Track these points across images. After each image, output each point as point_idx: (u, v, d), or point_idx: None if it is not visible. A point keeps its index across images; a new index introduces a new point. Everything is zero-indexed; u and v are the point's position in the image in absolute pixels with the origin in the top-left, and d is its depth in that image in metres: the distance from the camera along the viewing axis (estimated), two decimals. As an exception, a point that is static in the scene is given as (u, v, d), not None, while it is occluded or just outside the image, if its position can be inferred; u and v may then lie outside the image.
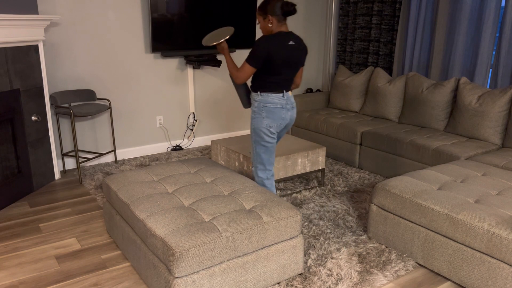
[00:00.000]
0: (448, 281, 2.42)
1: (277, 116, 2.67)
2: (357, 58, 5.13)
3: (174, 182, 2.61)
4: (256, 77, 2.68)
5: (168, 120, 4.61)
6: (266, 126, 2.67)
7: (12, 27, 3.16)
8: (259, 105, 2.67)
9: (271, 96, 2.65)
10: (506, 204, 2.36)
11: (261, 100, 2.66)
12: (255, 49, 2.57)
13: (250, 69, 2.60)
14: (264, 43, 2.55)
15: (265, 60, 2.58)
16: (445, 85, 3.99)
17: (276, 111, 2.66)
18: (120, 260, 2.58)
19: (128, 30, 4.14)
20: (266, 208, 2.28)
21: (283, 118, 2.69)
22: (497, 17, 3.87)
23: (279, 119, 2.68)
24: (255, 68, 2.60)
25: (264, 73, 2.63)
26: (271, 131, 2.68)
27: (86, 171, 4.01)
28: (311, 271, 2.46)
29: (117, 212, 2.62)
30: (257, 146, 2.73)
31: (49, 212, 3.21)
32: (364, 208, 3.30)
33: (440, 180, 2.72)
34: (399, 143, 3.78)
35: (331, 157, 4.48)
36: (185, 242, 1.97)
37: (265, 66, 2.60)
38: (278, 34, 2.61)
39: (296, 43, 2.66)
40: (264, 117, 2.66)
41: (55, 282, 2.36)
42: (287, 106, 2.70)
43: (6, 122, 3.29)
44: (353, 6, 5.07)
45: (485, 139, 3.68)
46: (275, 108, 2.66)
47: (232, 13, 4.58)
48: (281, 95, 2.66)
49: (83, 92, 3.95)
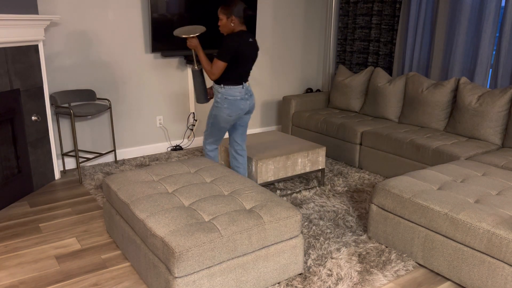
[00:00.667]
0: (448, 281, 2.42)
1: (237, 107, 3.06)
2: (357, 58, 5.13)
3: (174, 182, 2.61)
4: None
5: (168, 120, 4.61)
6: (227, 115, 3.06)
7: (12, 27, 3.16)
8: (222, 97, 3.03)
9: (233, 89, 3.03)
10: (506, 204, 2.36)
11: (224, 92, 3.02)
12: (225, 46, 2.89)
13: (223, 64, 2.93)
14: (233, 41, 2.90)
15: (232, 56, 2.92)
16: (445, 85, 3.99)
17: (236, 103, 3.05)
18: (120, 260, 2.58)
19: (128, 30, 4.14)
20: (266, 208, 2.28)
21: (242, 108, 3.08)
22: (497, 17, 3.87)
23: (238, 109, 3.07)
24: (226, 63, 2.93)
25: (228, 67, 2.98)
26: (229, 119, 3.09)
27: (86, 171, 4.01)
28: (311, 271, 2.46)
29: (117, 212, 2.62)
30: (213, 128, 3.15)
31: (49, 212, 3.21)
32: (364, 208, 3.30)
33: (440, 180, 2.72)
34: (399, 143, 3.78)
35: (331, 157, 4.49)
36: (185, 242, 1.97)
37: (231, 61, 2.95)
38: (241, 33, 2.96)
39: (253, 40, 3.04)
40: (225, 108, 3.04)
41: (55, 282, 2.36)
42: (246, 96, 3.09)
43: (6, 122, 3.29)
44: (353, 6, 5.07)
45: (485, 139, 3.68)
46: (235, 101, 3.04)
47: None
48: (241, 87, 3.05)
49: (83, 92, 3.95)
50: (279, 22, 5.13)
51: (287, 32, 5.24)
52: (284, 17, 5.16)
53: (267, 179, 3.37)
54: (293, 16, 5.23)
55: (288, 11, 5.17)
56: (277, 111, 5.45)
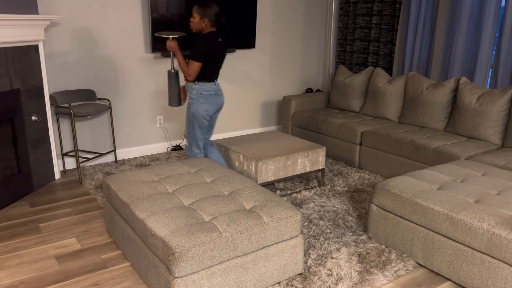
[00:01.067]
0: (448, 281, 2.42)
1: (212, 101, 3.21)
2: (357, 58, 5.14)
3: (174, 182, 2.61)
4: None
5: (168, 120, 4.61)
6: (204, 110, 3.20)
7: (12, 27, 3.16)
8: (197, 93, 3.17)
9: (207, 84, 3.18)
10: (506, 204, 2.36)
11: (199, 88, 3.17)
12: (198, 47, 3.04)
13: (198, 65, 3.07)
14: (206, 42, 3.06)
15: (205, 56, 3.08)
16: (445, 85, 3.99)
17: (212, 97, 3.21)
18: (120, 260, 2.58)
19: (128, 30, 4.14)
20: (266, 208, 2.28)
21: (216, 102, 3.24)
22: (497, 17, 3.87)
23: (214, 103, 3.23)
24: (201, 63, 3.08)
25: (202, 66, 3.12)
26: (208, 114, 3.23)
27: (86, 171, 4.01)
28: (311, 271, 2.46)
29: (117, 212, 2.62)
30: (195, 127, 3.25)
31: (49, 212, 3.21)
32: (364, 208, 3.30)
33: (440, 180, 2.72)
34: (399, 143, 3.79)
35: (331, 157, 4.49)
36: (185, 242, 1.97)
37: (204, 61, 3.09)
38: (213, 33, 3.12)
39: (223, 40, 3.20)
40: (202, 103, 3.18)
41: (55, 282, 2.36)
42: (219, 93, 3.26)
43: (6, 122, 3.29)
44: (353, 6, 5.07)
45: (485, 139, 3.68)
46: (210, 95, 3.20)
47: (232, 13, 4.58)
48: (213, 84, 3.21)
49: (83, 92, 3.95)
50: (279, 22, 5.13)
51: (287, 32, 5.24)
52: (284, 17, 5.16)
53: (267, 179, 3.37)
54: (293, 16, 5.23)
55: (288, 11, 5.17)
56: (277, 111, 5.46)
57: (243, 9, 4.64)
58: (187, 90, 3.24)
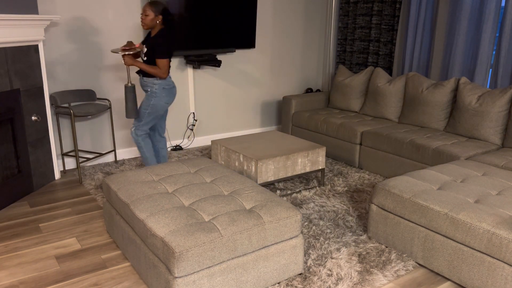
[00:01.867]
0: (448, 281, 2.42)
1: (172, 94, 3.44)
2: (357, 58, 5.14)
3: (174, 182, 2.61)
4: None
5: (168, 120, 4.61)
6: (165, 102, 3.41)
7: (12, 27, 3.16)
8: (160, 87, 3.34)
9: (167, 79, 3.38)
10: (506, 204, 2.36)
11: (161, 83, 3.34)
12: (163, 44, 3.20)
13: (167, 61, 3.25)
14: (166, 38, 3.23)
15: (168, 51, 3.23)
16: (445, 85, 3.99)
17: (172, 91, 3.43)
18: (120, 260, 2.58)
19: (128, 30, 4.14)
20: (266, 208, 2.28)
21: (174, 94, 3.47)
22: (497, 17, 3.87)
23: (173, 96, 3.46)
24: (169, 59, 3.26)
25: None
26: (166, 106, 3.45)
27: (86, 171, 4.01)
28: (311, 271, 2.46)
29: (117, 212, 2.62)
30: (151, 116, 3.43)
31: (49, 212, 3.21)
32: (364, 208, 3.30)
33: (440, 180, 2.72)
34: (399, 143, 3.79)
35: (331, 157, 4.49)
36: (185, 242, 1.97)
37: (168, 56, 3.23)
38: (165, 30, 3.26)
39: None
40: (164, 96, 3.38)
41: (55, 282, 2.36)
42: (175, 85, 3.49)
43: (6, 122, 3.29)
44: (353, 6, 5.07)
45: (485, 139, 3.68)
46: (171, 88, 3.42)
47: (232, 13, 4.58)
48: (170, 77, 3.42)
49: (83, 92, 3.95)
50: (279, 22, 5.13)
51: (287, 32, 5.24)
52: (284, 17, 5.16)
53: (267, 179, 3.37)
54: (293, 16, 5.23)
55: (288, 11, 5.17)
56: (277, 111, 5.46)
57: (243, 9, 4.64)
58: (147, 85, 3.36)
